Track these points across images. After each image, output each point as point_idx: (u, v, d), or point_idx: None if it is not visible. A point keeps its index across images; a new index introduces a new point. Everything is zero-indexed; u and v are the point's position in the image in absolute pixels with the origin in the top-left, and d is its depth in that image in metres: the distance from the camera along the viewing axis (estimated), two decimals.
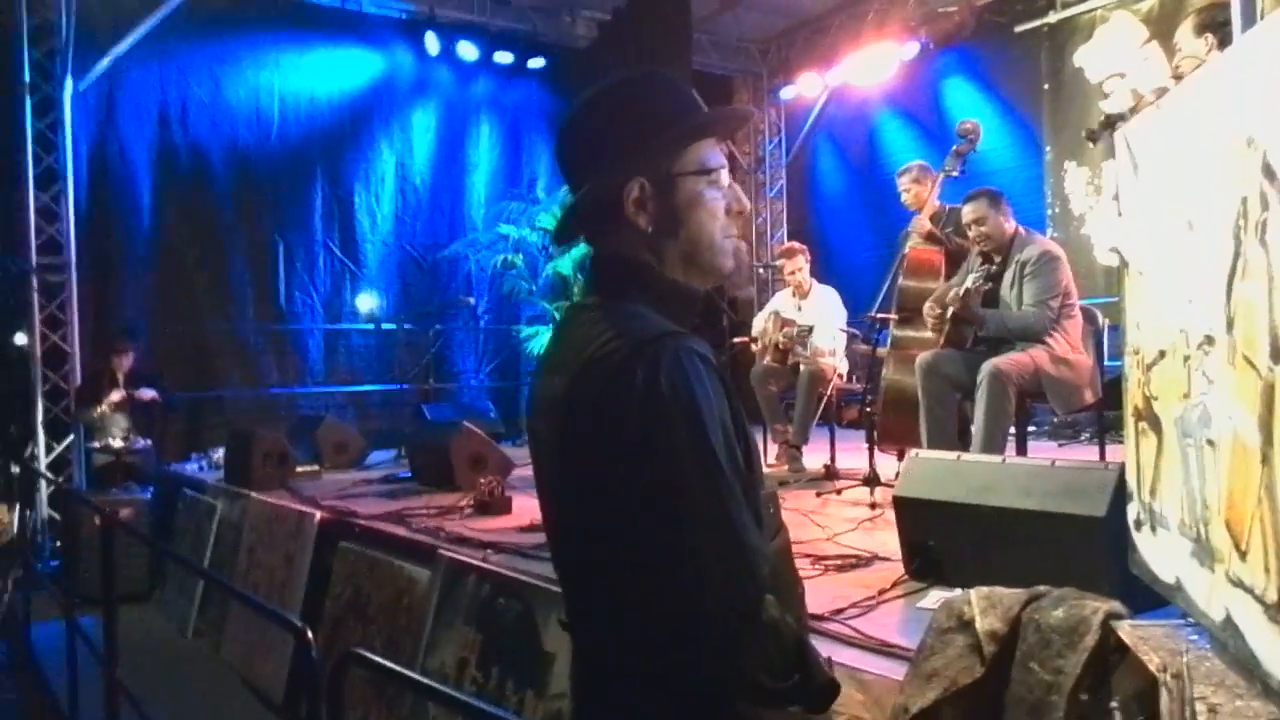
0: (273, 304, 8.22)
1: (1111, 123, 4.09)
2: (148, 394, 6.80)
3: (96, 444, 6.68)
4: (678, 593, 1.05)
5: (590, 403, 1.11)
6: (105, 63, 7.16)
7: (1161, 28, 7.11)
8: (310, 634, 1.84)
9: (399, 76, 8.86)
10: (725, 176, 1.26)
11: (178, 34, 7.50)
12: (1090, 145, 5.40)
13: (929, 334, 4.43)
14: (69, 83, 7.05)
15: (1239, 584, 1.27)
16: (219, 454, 6.50)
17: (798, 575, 1.30)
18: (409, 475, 5.62)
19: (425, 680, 1.70)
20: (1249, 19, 2.04)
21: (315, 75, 8.42)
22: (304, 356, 8.39)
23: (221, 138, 8.01)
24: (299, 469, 5.84)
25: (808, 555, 3.04)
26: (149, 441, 6.80)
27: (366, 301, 8.68)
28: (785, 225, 10.46)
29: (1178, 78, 3.50)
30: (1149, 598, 1.76)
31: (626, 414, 1.06)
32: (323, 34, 8.39)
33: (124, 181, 7.62)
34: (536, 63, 9.08)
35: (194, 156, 7.90)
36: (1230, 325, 1.31)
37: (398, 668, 1.62)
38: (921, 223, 4.81)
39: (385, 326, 8.36)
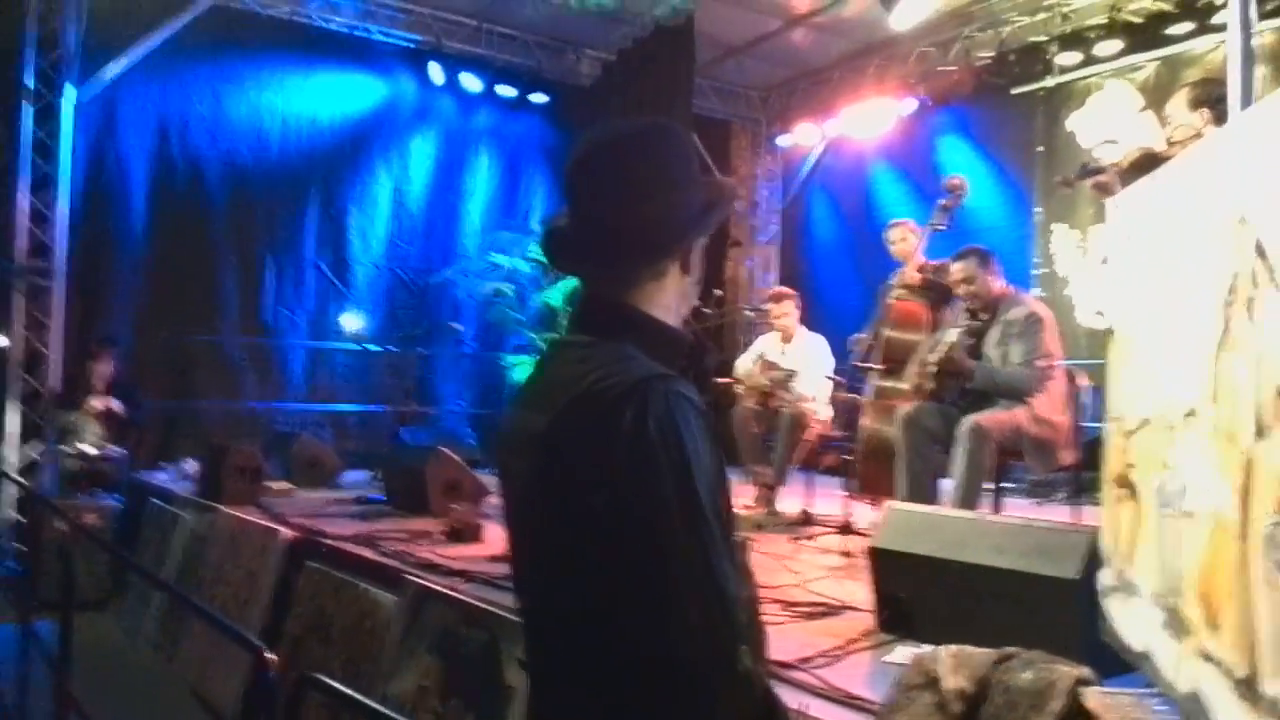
0: (258, 320, 8.19)
1: (1088, 172, 4.12)
2: (115, 406, 6.74)
3: (69, 449, 6.59)
4: (654, 639, 1.03)
5: (574, 442, 1.09)
6: (109, 75, 7.17)
7: (1156, 97, 7.22)
8: (269, 655, 1.80)
9: (401, 103, 8.91)
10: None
11: (184, 50, 7.53)
12: (1066, 190, 5.44)
13: (907, 385, 4.44)
14: (71, 92, 7.05)
15: (1210, 658, 1.25)
16: (191, 465, 6.42)
17: (763, 624, 1.28)
18: (382, 498, 5.57)
19: (382, 709, 1.67)
20: (1246, 98, 2.07)
21: (318, 98, 8.46)
22: (285, 372, 8.33)
23: (220, 154, 8.01)
24: (271, 485, 5.77)
25: (778, 601, 3.02)
26: (124, 450, 6.72)
27: (353, 321, 8.65)
28: (776, 270, 10.52)
29: (1171, 146, 3.54)
30: (1117, 662, 1.75)
31: (612, 455, 1.05)
32: (328, 58, 8.44)
33: (119, 191, 7.61)
34: (539, 98, 9.15)
35: (191, 170, 7.90)
36: (1214, 399, 1.31)
37: (356, 695, 1.59)
38: (909, 274, 4.84)
39: (370, 347, 8.32)
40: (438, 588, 3.30)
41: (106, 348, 6.93)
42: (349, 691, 1.57)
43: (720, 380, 5.92)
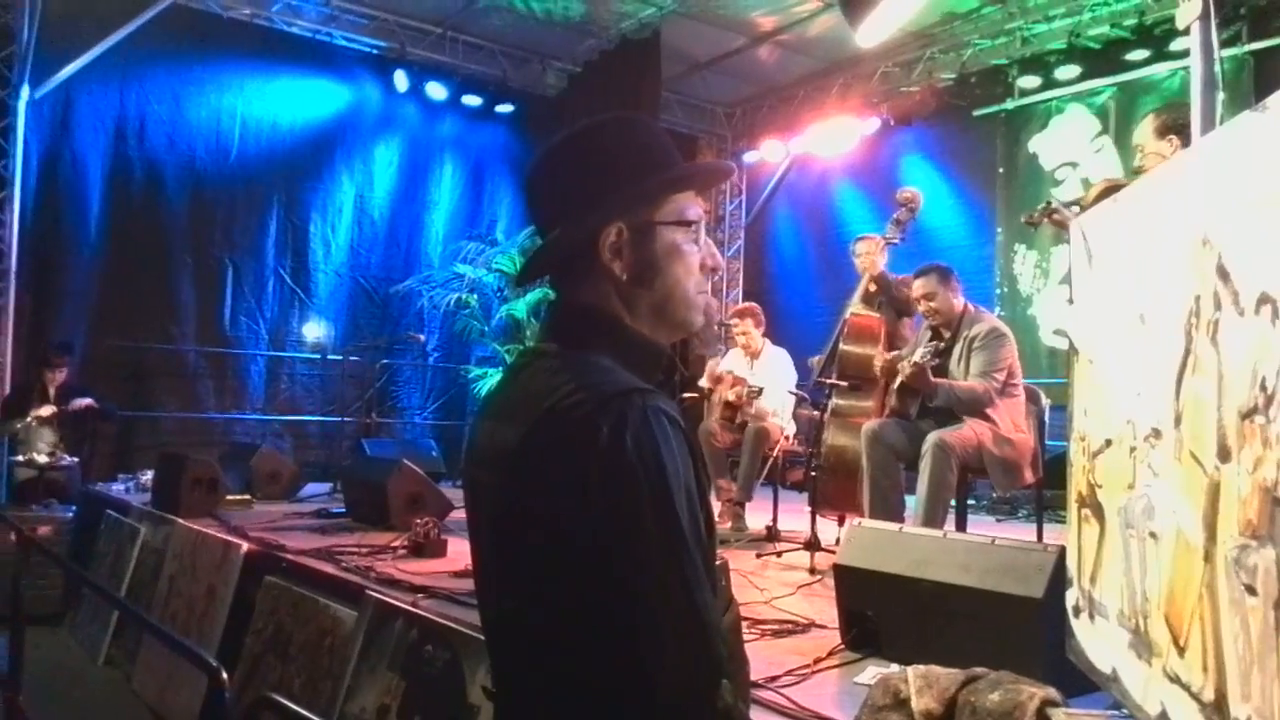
0: (217, 327, 8.08)
1: (1050, 210, 4.19)
2: (82, 401, 6.59)
3: (20, 458, 6.43)
4: (627, 670, 0.97)
5: (546, 459, 1.03)
6: (65, 73, 7.05)
7: (1112, 123, 7.40)
8: (225, 674, 1.76)
9: (365, 110, 8.86)
10: (702, 230, 1.22)
11: (142, 50, 7.44)
12: (1031, 230, 5.56)
13: (869, 401, 4.47)
14: (25, 90, 6.91)
15: (1176, 680, 1.27)
16: (148, 476, 6.30)
17: (745, 655, 1.23)
18: (343, 511, 5.49)
19: None
20: (1208, 122, 2.12)
21: (280, 102, 8.38)
22: (244, 382, 8.22)
23: (179, 156, 7.91)
24: (229, 498, 5.67)
25: (745, 618, 3.00)
26: (76, 459, 6.57)
27: (314, 330, 8.56)
28: (741, 284, 10.57)
29: (1139, 174, 3.60)
30: (1083, 682, 1.76)
31: (587, 475, 0.99)
32: (290, 62, 8.38)
33: (74, 193, 7.47)
34: (505, 108, 9.14)
35: (148, 173, 7.79)
36: (1178, 421, 1.32)
37: (311, 716, 1.56)
38: (866, 287, 4.90)
39: (331, 357, 8.23)
40: (399, 604, 3.25)
41: (62, 355, 6.78)
42: (305, 713, 1.53)
43: (686, 395, 5.92)
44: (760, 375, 5.63)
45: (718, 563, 1.14)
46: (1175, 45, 6.52)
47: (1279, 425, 1.01)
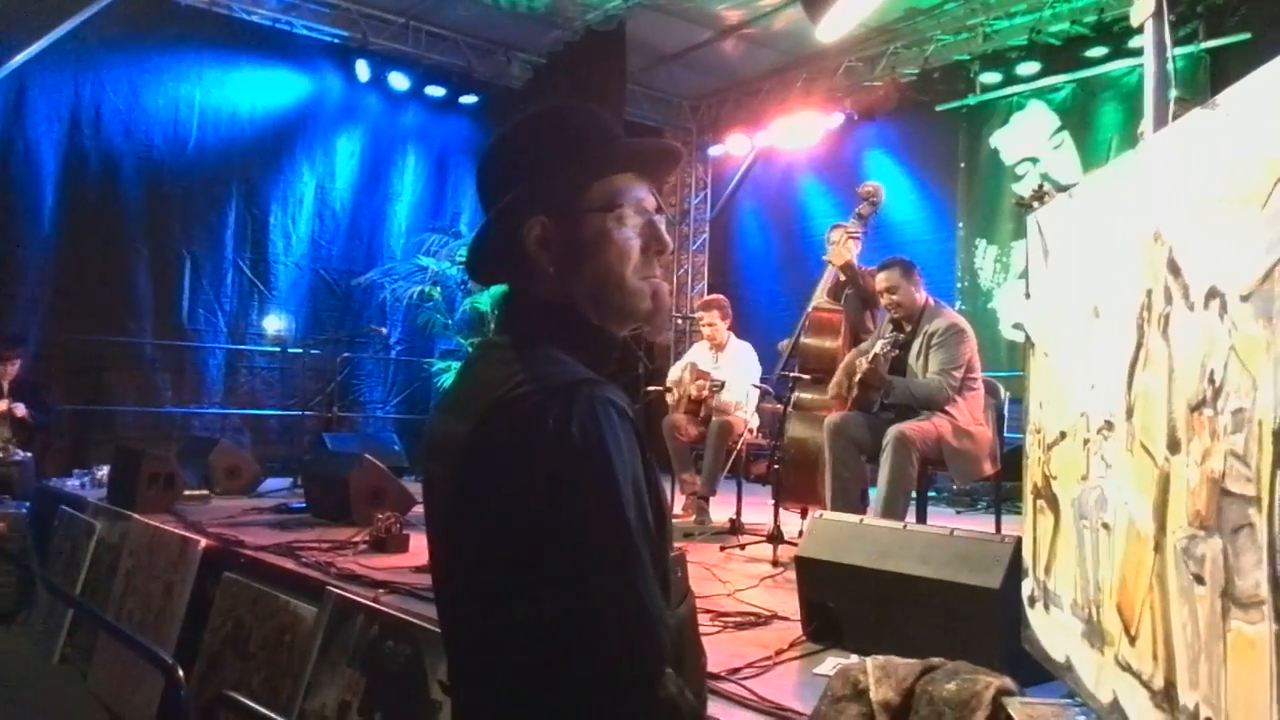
0: (175, 320, 7.95)
1: (1043, 193, 4.22)
2: (19, 410, 6.47)
3: None
4: (570, 660, 0.98)
5: (494, 449, 1.03)
6: (18, 60, 6.88)
7: (1071, 119, 7.50)
8: (181, 671, 1.74)
9: (326, 100, 8.75)
10: (640, 212, 1.18)
11: (97, 37, 7.29)
12: (1021, 211, 5.58)
13: (829, 395, 4.51)
14: None
15: (1128, 669, 1.28)
16: (104, 471, 6.19)
17: (701, 646, 1.23)
18: (303, 506, 5.43)
19: None
20: (1161, 119, 2.15)
21: (238, 91, 8.26)
22: (203, 376, 8.10)
23: (135, 146, 7.77)
24: (187, 493, 5.59)
25: (708, 611, 3.01)
26: (29, 454, 6.44)
27: (274, 323, 8.45)
28: (706, 278, 10.59)
29: None
30: (1038, 671, 1.78)
31: (533, 465, 0.99)
32: (249, 51, 8.25)
33: (27, 183, 7.31)
34: (469, 99, 9.07)
35: (104, 163, 7.64)
36: (1130, 413, 1.34)
37: (269, 713, 1.54)
38: (830, 275, 4.93)
39: (291, 350, 8.13)
40: (360, 599, 3.23)
41: (14, 349, 6.64)
42: (263, 710, 1.51)
43: (651, 389, 5.93)
44: (725, 368, 5.65)
45: (674, 554, 1.14)
46: (1134, 43, 6.61)
47: (1226, 418, 1.03)
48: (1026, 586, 1.89)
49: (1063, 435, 1.70)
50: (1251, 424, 0.97)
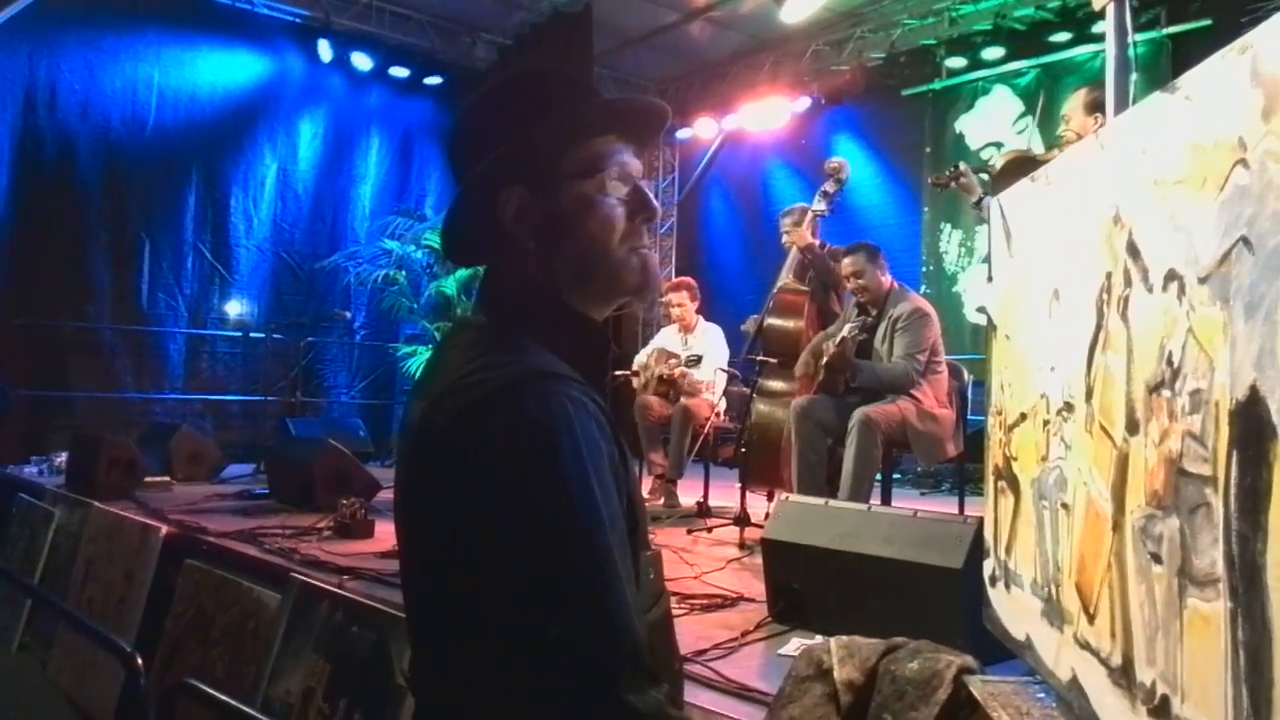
0: (134, 304, 7.81)
1: (959, 174, 4.27)
2: None
3: None
4: (521, 667, 0.90)
5: (441, 436, 0.96)
6: None
7: (1035, 104, 7.56)
8: (140, 660, 1.72)
9: (288, 80, 8.61)
10: (625, 178, 1.09)
11: (52, 15, 7.12)
12: (937, 191, 5.58)
13: (794, 378, 4.53)
14: None
15: (1086, 646, 1.30)
16: (62, 458, 6.09)
17: (676, 648, 1.17)
18: (266, 492, 5.38)
19: (257, 715, 1.60)
20: (1122, 102, 2.17)
21: (198, 71, 8.10)
22: (163, 361, 7.97)
23: (92, 127, 7.60)
24: (148, 479, 5.51)
25: (675, 593, 3.03)
26: None
27: (236, 308, 8.34)
28: (674, 262, 10.59)
29: (1060, 147, 3.70)
30: (999, 649, 1.80)
31: (478, 457, 0.91)
32: (209, 31, 8.09)
33: None
34: (433, 80, 8.97)
35: (60, 144, 7.47)
36: (1090, 394, 1.35)
37: (230, 700, 1.52)
38: (794, 258, 4.94)
39: (254, 335, 8.03)
40: (325, 585, 3.21)
41: None
42: (223, 697, 1.50)
43: (619, 373, 5.92)
44: (694, 350, 5.65)
45: (649, 553, 1.06)
46: (1097, 28, 6.66)
47: (1184, 399, 1.04)
48: (988, 566, 1.91)
49: (1023, 417, 1.71)
50: (1208, 405, 0.98)
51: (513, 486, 0.90)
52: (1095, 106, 3.55)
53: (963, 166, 4.35)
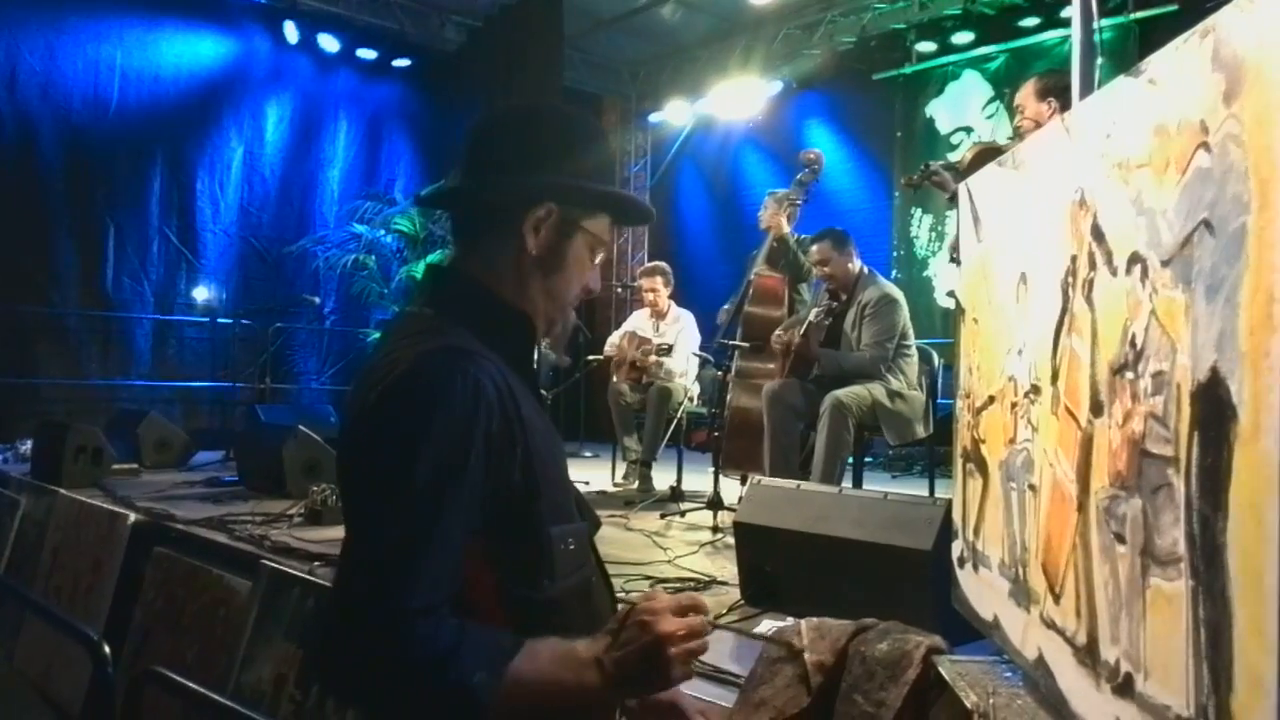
0: (99, 289, 7.71)
1: (930, 173, 4.30)
2: None
3: None
4: (341, 582, 1.09)
5: (353, 416, 1.12)
6: None
7: (1005, 89, 7.60)
8: (108, 648, 1.70)
9: (253, 63, 8.50)
10: (602, 256, 1.30)
11: None
12: (912, 191, 5.64)
13: (771, 363, 4.54)
14: None
15: (1052, 626, 1.32)
16: (27, 446, 6.00)
17: (602, 617, 1.21)
18: (236, 479, 5.33)
19: (226, 702, 1.60)
20: (1087, 86, 2.18)
21: (161, 53, 7.99)
22: (129, 347, 7.88)
23: (54, 110, 7.49)
24: (115, 467, 5.44)
25: (648, 577, 3.04)
26: None
27: (203, 293, 8.24)
28: (646, 246, 10.57)
29: (1018, 137, 3.72)
30: (968, 629, 1.82)
31: (361, 423, 1.09)
32: (173, 11, 7.99)
33: None
34: (402, 63, 8.89)
35: (21, 127, 7.35)
36: (1055, 376, 1.37)
37: (199, 688, 1.51)
38: (769, 243, 4.95)
39: (221, 320, 7.94)
40: (295, 572, 3.19)
41: None
42: (191, 685, 1.49)
43: (591, 358, 5.91)
44: (666, 336, 5.66)
45: (574, 525, 1.20)
46: (1065, 13, 6.70)
47: (1147, 380, 1.05)
48: (956, 548, 1.93)
49: (991, 400, 1.73)
50: (1171, 386, 0.99)
51: (376, 433, 1.08)
52: (1046, 92, 3.59)
53: (934, 165, 4.38)
